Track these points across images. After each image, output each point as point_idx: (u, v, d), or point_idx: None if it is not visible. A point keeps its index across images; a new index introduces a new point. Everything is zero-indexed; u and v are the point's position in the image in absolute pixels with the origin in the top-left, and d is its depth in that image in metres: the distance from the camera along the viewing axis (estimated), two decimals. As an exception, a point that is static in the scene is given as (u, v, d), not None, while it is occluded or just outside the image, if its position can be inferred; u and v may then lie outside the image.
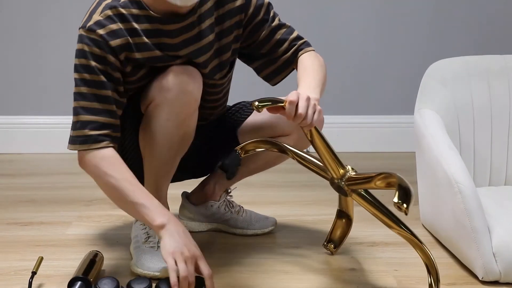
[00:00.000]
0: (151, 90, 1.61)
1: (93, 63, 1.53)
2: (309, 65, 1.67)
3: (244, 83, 2.48)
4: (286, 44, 1.72)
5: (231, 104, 1.91)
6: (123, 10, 1.55)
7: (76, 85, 1.56)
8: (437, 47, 2.94)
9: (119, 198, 1.52)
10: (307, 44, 1.74)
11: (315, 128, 1.59)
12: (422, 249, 1.49)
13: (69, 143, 1.57)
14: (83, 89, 1.54)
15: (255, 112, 1.81)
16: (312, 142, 1.60)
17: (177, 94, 1.58)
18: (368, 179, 1.54)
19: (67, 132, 2.89)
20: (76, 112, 1.55)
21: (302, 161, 1.68)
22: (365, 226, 1.95)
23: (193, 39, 1.61)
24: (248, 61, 1.78)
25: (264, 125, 1.79)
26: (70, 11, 2.86)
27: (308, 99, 1.47)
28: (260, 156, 1.85)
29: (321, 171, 1.66)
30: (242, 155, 1.70)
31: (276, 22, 1.72)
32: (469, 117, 1.96)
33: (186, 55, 1.62)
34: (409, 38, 2.95)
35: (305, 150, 1.73)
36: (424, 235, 1.94)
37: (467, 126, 1.96)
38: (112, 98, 1.55)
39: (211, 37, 1.64)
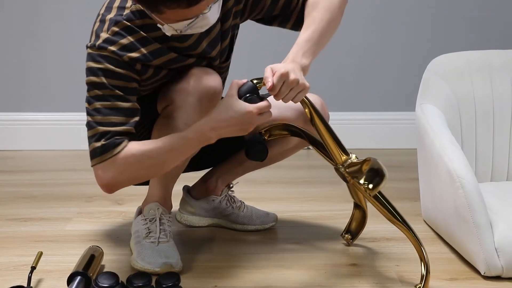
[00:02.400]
0: (171, 92, 1.60)
1: (105, 80, 1.51)
2: (310, 14, 1.62)
3: (244, 67, 2.47)
4: (294, 1, 1.68)
5: None
6: (128, 23, 1.53)
7: (89, 102, 1.53)
8: (438, 43, 2.93)
9: (166, 168, 1.55)
10: None
11: (316, 112, 1.58)
12: (414, 240, 1.52)
13: (91, 159, 1.53)
14: (98, 105, 1.51)
15: None
16: (313, 124, 1.60)
17: (197, 99, 1.58)
18: (358, 165, 1.54)
19: (67, 129, 2.94)
20: (90, 126, 1.53)
21: (319, 149, 1.67)
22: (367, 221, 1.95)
23: (202, 36, 1.60)
24: (266, 23, 1.75)
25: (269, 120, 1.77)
26: (70, 8, 2.86)
27: (285, 75, 1.45)
28: (276, 147, 1.83)
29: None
30: (266, 138, 1.67)
31: None
32: (470, 112, 1.95)
33: (200, 53, 1.61)
34: (410, 34, 2.95)
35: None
36: (425, 230, 1.94)
37: (468, 122, 1.95)
38: (129, 110, 1.53)
39: (217, 26, 1.63)
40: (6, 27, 2.89)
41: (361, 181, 1.46)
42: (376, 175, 1.48)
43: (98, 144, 1.51)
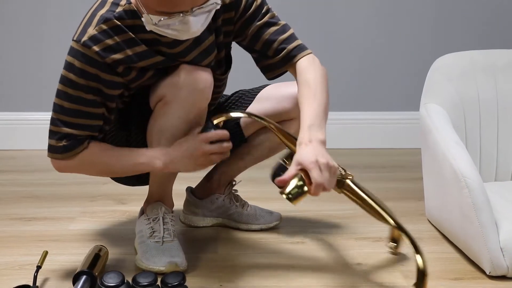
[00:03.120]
0: (162, 87, 1.59)
1: (82, 81, 1.51)
2: (311, 81, 1.57)
3: (243, 71, 2.47)
4: (275, 45, 1.62)
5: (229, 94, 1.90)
6: (118, 22, 1.50)
7: (58, 96, 1.54)
8: (442, 42, 2.93)
9: (115, 174, 1.70)
10: (300, 48, 1.63)
11: (361, 189, 1.54)
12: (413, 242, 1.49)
13: (48, 151, 1.58)
14: (66, 104, 1.52)
15: (256, 99, 1.81)
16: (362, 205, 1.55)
17: (188, 92, 1.57)
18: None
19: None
20: (54, 123, 1.55)
21: (281, 135, 1.60)
22: (370, 222, 1.94)
23: (192, 45, 1.59)
24: (247, 50, 1.72)
25: (267, 113, 1.76)
26: (72, 8, 2.85)
27: (316, 162, 1.39)
28: (264, 144, 1.83)
29: None
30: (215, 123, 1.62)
31: (265, 19, 1.63)
32: (475, 112, 1.95)
33: (190, 61, 1.60)
34: (412, 34, 2.95)
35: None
36: (429, 230, 1.94)
37: (473, 121, 1.95)
38: (98, 115, 1.55)
39: (211, 38, 1.61)
40: (8, 27, 2.89)
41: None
42: (423, 277, 1.42)
43: (60, 144, 1.55)
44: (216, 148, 1.57)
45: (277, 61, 1.65)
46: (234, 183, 1.95)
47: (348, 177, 1.53)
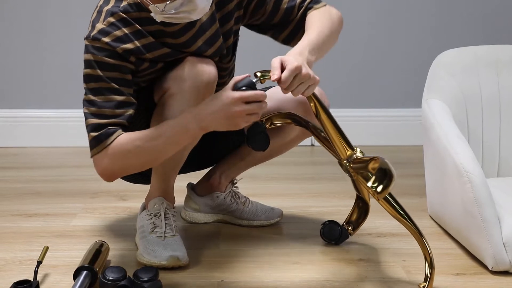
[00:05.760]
0: (167, 80, 1.60)
1: (100, 72, 1.53)
2: (314, 20, 1.62)
3: (249, 63, 2.46)
4: (295, 10, 1.68)
5: None
6: (124, 15, 1.54)
7: (85, 94, 1.56)
8: (444, 38, 2.92)
9: (157, 157, 1.55)
10: (315, 2, 1.69)
11: (322, 106, 1.57)
12: (418, 237, 1.51)
13: (90, 150, 1.56)
14: (92, 97, 1.54)
15: None
16: (319, 119, 1.58)
17: (192, 85, 1.57)
18: (365, 162, 1.53)
19: (70, 126, 2.94)
20: (85, 117, 1.56)
21: (321, 140, 1.66)
22: (372, 217, 1.93)
23: (197, 34, 1.60)
24: (260, 31, 1.75)
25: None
26: (74, 5, 2.85)
27: (298, 68, 1.43)
28: (277, 139, 1.81)
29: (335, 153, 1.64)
30: (268, 126, 1.63)
31: None
32: (477, 107, 1.94)
33: (195, 51, 1.61)
34: (414, 29, 2.94)
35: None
36: (431, 226, 1.93)
37: (475, 117, 1.94)
38: (123, 103, 1.54)
39: (214, 26, 1.62)
40: (9, 24, 2.88)
41: (369, 184, 1.42)
42: (384, 176, 1.43)
43: (93, 135, 1.54)
44: (255, 108, 1.45)
45: (297, 21, 1.68)
46: (235, 181, 1.94)
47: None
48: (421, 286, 1.51)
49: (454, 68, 1.94)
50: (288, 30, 1.71)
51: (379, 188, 1.43)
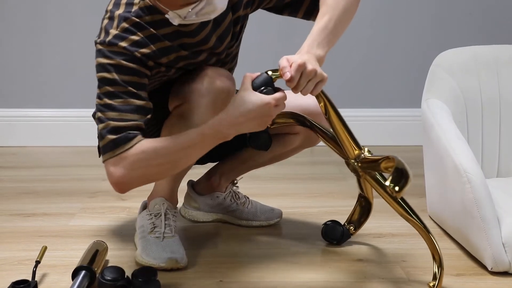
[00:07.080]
0: (184, 91, 1.59)
1: (117, 76, 1.48)
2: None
3: (252, 59, 2.46)
4: None
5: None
6: (137, 19, 1.50)
7: (98, 98, 1.50)
8: (444, 38, 2.92)
9: (181, 165, 1.52)
10: None
11: (331, 104, 1.56)
12: (427, 236, 1.51)
13: (102, 155, 1.50)
14: (109, 101, 1.48)
15: None
16: (328, 118, 1.58)
17: (211, 100, 1.56)
18: (376, 161, 1.52)
19: (69, 125, 2.93)
20: (101, 121, 1.49)
21: (326, 140, 1.66)
22: (372, 217, 1.93)
23: (213, 29, 1.59)
24: (277, 12, 1.73)
25: None
26: (72, 4, 2.84)
27: (302, 65, 1.42)
28: (279, 147, 1.81)
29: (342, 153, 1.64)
30: (270, 126, 1.60)
31: None
32: (477, 107, 1.94)
33: (210, 48, 1.60)
34: (413, 30, 2.94)
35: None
36: (431, 226, 1.91)
37: (475, 117, 1.94)
38: (141, 107, 1.50)
39: (228, 18, 1.61)
40: (8, 23, 2.88)
41: (387, 183, 1.40)
42: (401, 176, 1.40)
43: (110, 137, 1.47)
44: (280, 111, 1.48)
45: (309, 2, 1.66)
46: (235, 181, 1.94)
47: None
48: (431, 285, 1.50)
49: (453, 68, 1.94)
50: (304, 7, 1.69)
51: (397, 188, 1.41)
